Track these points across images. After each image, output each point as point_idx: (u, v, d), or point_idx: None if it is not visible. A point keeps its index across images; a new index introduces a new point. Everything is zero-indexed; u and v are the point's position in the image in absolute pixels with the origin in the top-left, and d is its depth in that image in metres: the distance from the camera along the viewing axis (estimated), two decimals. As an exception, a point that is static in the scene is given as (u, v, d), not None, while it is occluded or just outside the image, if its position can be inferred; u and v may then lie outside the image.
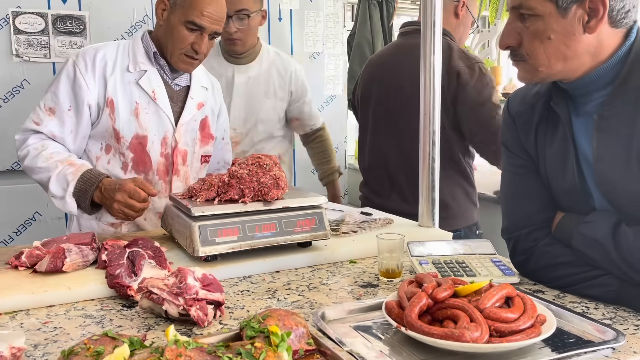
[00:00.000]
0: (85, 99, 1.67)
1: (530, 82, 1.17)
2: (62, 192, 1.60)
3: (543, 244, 1.24)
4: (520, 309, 0.95)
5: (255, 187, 1.41)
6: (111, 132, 1.70)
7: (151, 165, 1.75)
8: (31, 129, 1.68)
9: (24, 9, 2.76)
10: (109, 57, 1.70)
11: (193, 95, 1.81)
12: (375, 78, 2.22)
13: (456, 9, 2.15)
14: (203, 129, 1.85)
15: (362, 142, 2.31)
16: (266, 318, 0.92)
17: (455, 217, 2.09)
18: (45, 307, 1.16)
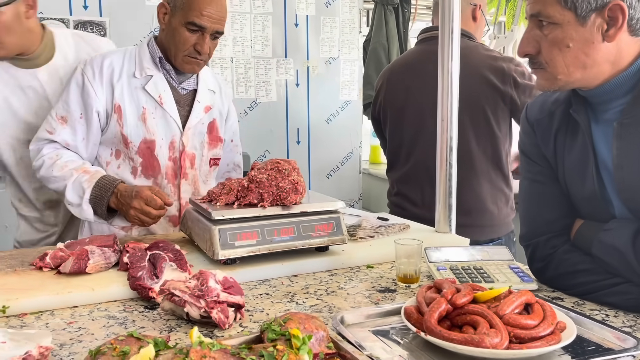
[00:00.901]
0: (94, 106, 1.70)
1: (549, 90, 1.18)
2: (79, 200, 1.63)
3: (562, 251, 1.24)
4: (540, 315, 0.95)
5: (274, 192, 1.43)
6: (120, 137, 1.73)
7: (160, 169, 1.76)
8: (45, 138, 1.71)
9: (46, 14, 2.82)
10: (115, 64, 1.73)
11: (200, 98, 1.83)
12: (404, 85, 2.19)
13: (474, 12, 2.17)
14: (211, 132, 1.87)
15: (395, 150, 2.27)
16: (287, 321, 0.93)
17: (499, 225, 2.11)
18: (70, 307, 1.19)
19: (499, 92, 2.03)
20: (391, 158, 2.32)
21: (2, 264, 1.40)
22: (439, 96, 1.74)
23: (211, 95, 1.88)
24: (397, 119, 2.23)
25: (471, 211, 2.04)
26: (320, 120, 3.66)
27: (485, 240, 2.06)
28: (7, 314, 1.14)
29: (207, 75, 1.89)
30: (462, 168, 2.02)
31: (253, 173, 1.46)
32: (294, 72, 3.55)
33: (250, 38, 3.38)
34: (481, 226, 2.05)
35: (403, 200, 2.22)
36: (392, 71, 2.31)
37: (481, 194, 2.06)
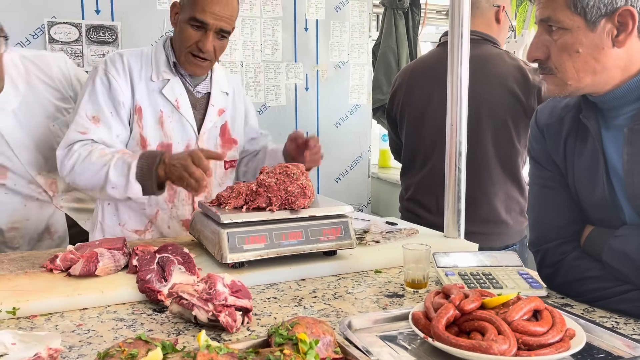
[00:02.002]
0: (122, 102, 1.70)
1: (559, 95, 1.17)
2: (124, 179, 1.57)
3: (572, 257, 1.23)
4: (549, 322, 0.95)
5: (283, 196, 1.43)
6: (138, 139, 1.73)
7: None
8: (77, 139, 1.65)
9: (59, 19, 2.85)
10: (134, 65, 1.73)
11: (214, 102, 1.83)
12: (425, 88, 2.16)
13: (497, 14, 2.12)
14: (223, 135, 1.87)
15: (411, 154, 2.24)
16: (294, 325, 0.93)
17: (513, 233, 2.10)
18: (79, 309, 1.20)
19: (521, 104, 2.00)
20: (406, 161, 2.28)
21: (12, 266, 1.41)
22: (448, 101, 1.74)
23: (224, 97, 1.88)
24: (415, 122, 2.19)
25: (486, 221, 2.03)
26: (329, 124, 3.66)
27: (500, 246, 2.04)
28: (17, 315, 1.15)
29: (220, 77, 1.88)
30: (479, 177, 2.02)
31: (262, 177, 1.46)
32: (304, 76, 3.55)
33: (260, 42, 3.39)
34: (495, 234, 2.03)
35: (416, 206, 2.19)
36: (414, 72, 2.25)
37: (496, 205, 2.04)
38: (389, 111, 2.37)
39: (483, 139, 2.01)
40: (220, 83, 1.87)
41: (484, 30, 2.11)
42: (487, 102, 1.99)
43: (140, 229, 1.78)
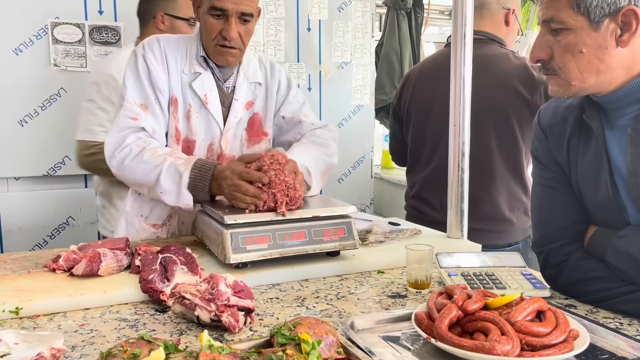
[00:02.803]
0: (162, 89, 1.64)
1: (562, 96, 1.17)
2: (176, 187, 1.54)
3: (575, 258, 1.23)
4: (553, 323, 0.94)
5: (284, 189, 1.42)
6: (174, 132, 1.67)
7: None
8: (130, 126, 1.60)
9: (62, 19, 2.86)
10: (169, 53, 1.67)
11: (238, 96, 1.74)
12: (433, 87, 2.15)
13: (507, 16, 2.12)
14: (252, 127, 1.78)
15: (417, 151, 2.23)
16: (297, 326, 0.93)
17: (516, 231, 2.09)
18: (82, 309, 1.20)
19: (526, 102, 2.00)
20: (412, 159, 2.28)
21: (15, 266, 1.41)
22: (451, 101, 1.74)
23: (253, 88, 1.77)
24: (421, 120, 2.19)
25: (489, 219, 2.03)
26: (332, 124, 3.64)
27: (503, 244, 2.04)
28: (20, 315, 1.15)
29: (251, 66, 1.78)
30: (482, 175, 2.01)
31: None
32: (306, 77, 3.55)
33: (262, 43, 3.39)
34: (498, 231, 2.04)
35: (421, 203, 2.20)
36: (421, 72, 2.25)
37: (499, 203, 2.04)
38: (395, 110, 2.35)
39: (487, 138, 2.01)
40: (249, 73, 1.77)
41: (492, 31, 2.11)
42: (491, 101, 1.99)
43: (158, 224, 1.75)
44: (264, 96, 1.80)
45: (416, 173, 2.25)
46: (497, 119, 2.01)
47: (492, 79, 2.00)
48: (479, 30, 2.08)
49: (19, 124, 2.80)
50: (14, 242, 2.83)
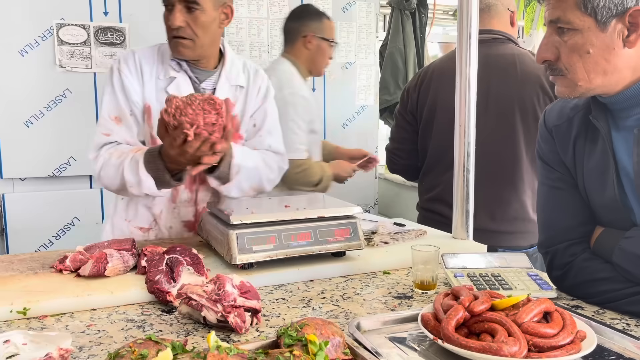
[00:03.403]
0: (135, 101, 1.67)
1: (569, 96, 1.16)
2: (136, 176, 1.55)
3: (581, 258, 1.22)
4: (560, 324, 0.94)
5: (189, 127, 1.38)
6: (149, 139, 1.70)
7: None
8: (103, 142, 1.66)
9: (67, 21, 2.87)
10: (145, 63, 1.69)
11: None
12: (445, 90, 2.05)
13: (512, 18, 2.14)
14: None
15: (438, 154, 2.13)
16: (303, 327, 0.94)
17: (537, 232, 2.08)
18: (89, 310, 1.20)
19: (551, 99, 1.99)
20: (432, 160, 2.17)
21: (22, 267, 1.42)
22: (457, 102, 1.73)
23: (234, 91, 1.77)
24: (447, 120, 2.02)
25: (516, 219, 2.00)
26: (336, 125, 3.66)
27: (526, 246, 2.01)
28: (27, 315, 1.15)
29: (233, 69, 1.77)
30: (510, 175, 1.99)
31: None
32: (311, 77, 3.55)
33: (267, 43, 3.40)
34: (522, 233, 2.00)
35: (443, 206, 2.06)
36: (442, 69, 2.14)
37: (525, 203, 2.01)
38: (411, 109, 2.23)
39: (514, 137, 1.99)
40: (231, 76, 1.76)
41: (503, 30, 2.11)
42: (518, 100, 1.97)
43: (144, 227, 1.77)
44: (243, 100, 1.79)
45: (437, 175, 2.14)
46: (524, 117, 1.99)
47: (518, 78, 1.98)
48: (496, 29, 2.09)
49: (24, 125, 2.81)
50: (19, 242, 2.84)
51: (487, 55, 1.99)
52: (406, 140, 2.28)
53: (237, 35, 3.29)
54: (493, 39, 2.07)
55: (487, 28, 2.10)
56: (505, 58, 2.03)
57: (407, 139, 2.27)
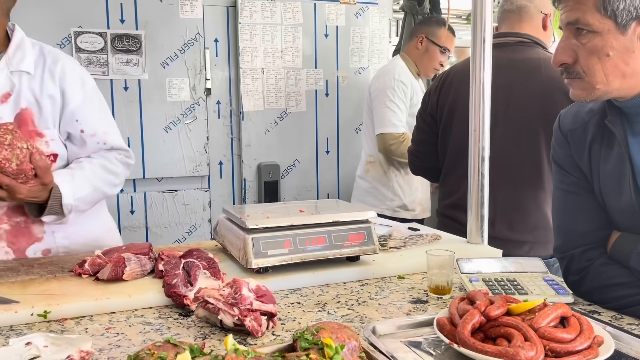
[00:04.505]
0: None
1: (585, 100, 1.16)
2: None
3: (598, 263, 1.22)
4: (577, 329, 0.94)
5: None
6: None
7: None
8: None
9: (85, 28, 2.92)
10: None
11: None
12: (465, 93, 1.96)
13: (544, 20, 2.09)
14: (21, 125, 1.54)
15: (457, 157, 2.07)
16: (319, 330, 0.94)
17: None
18: (107, 313, 1.22)
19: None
20: (450, 164, 2.14)
21: (43, 270, 1.45)
22: (471, 107, 1.73)
23: (19, 78, 1.55)
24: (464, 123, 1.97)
25: (537, 229, 1.96)
26: (349, 129, 3.68)
27: (547, 255, 1.97)
28: (48, 318, 1.17)
29: (18, 53, 1.56)
30: (530, 183, 1.95)
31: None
32: (324, 82, 3.57)
33: (280, 49, 3.42)
34: (545, 242, 1.95)
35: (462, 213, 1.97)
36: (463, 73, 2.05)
37: (546, 211, 1.97)
38: (431, 111, 2.19)
39: (536, 143, 1.94)
40: (15, 60, 1.54)
41: (532, 34, 2.07)
42: (540, 106, 1.93)
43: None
44: (36, 89, 1.57)
45: (456, 180, 2.09)
46: (547, 124, 1.92)
47: (543, 84, 1.94)
48: (522, 33, 2.04)
49: (43, 131, 2.85)
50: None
51: (511, 59, 1.97)
52: (426, 143, 2.25)
53: (251, 42, 3.32)
54: (519, 42, 2.03)
55: (514, 31, 2.05)
56: (529, 62, 1.99)
57: (427, 141, 2.24)
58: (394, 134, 2.83)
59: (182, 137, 3.21)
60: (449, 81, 2.15)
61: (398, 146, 2.82)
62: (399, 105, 2.85)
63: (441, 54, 2.97)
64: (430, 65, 3.00)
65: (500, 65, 1.84)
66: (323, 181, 3.63)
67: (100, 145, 1.71)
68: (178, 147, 3.21)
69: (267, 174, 3.44)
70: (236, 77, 3.35)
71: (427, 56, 2.98)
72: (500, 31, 2.12)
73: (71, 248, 1.69)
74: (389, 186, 2.97)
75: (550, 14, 2.11)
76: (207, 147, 3.29)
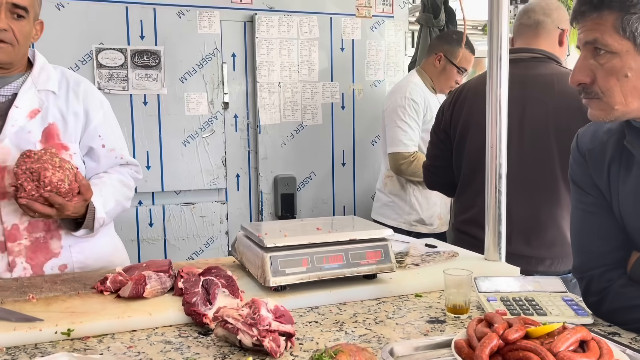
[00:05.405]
0: None
1: (603, 120, 1.16)
2: None
3: (618, 284, 1.21)
4: (596, 353, 0.93)
5: (29, 175, 1.47)
6: None
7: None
8: None
9: (106, 45, 2.98)
10: None
11: (19, 103, 1.60)
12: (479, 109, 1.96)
13: (561, 36, 2.08)
14: (48, 140, 1.64)
15: (471, 173, 2.08)
16: (338, 353, 0.95)
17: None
18: (129, 331, 1.24)
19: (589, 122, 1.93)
20: (465, 179, 2.13)
21: (65, 287, 1.47)
22: (488, 123, 1.73)
23: (45, 96, 1.65)
24: (478, 140, 1.98)
25: (554, 244, 1.94)
26: (365, 142, 3.69)
27: (564, 271, 1.95)
28: (71, 336, 1.20)
29: (43, 74, 1.66)
30: (546, 199, 1.94)
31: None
32: (340, 95, 3.59)
33: (297, 63, 3.45)
34: (562, 258, 1.93)
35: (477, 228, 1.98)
36: (478, 87, 2.08)
37: (563, 227, 1.95)
38: (444, 128, 2.19)
39: (550, 159, 1.93)
40: (41, 82, 1.65)
41: (548, 50, 2.06)
42: (554, 122, 1.92)
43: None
44: (62, 106, 1.67)
45: (471, 196, 2.08)
46: (561, 140, 1.91)
47: (557, 99, 1.93)
48: (537, 48, 2.04)
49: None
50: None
51: (524, 76, 1.96)
52: (440, 158, 2.25)
53: (267, 56, 3.36)
54: (532, 58, 2.02)
55: (529, 47, 2.05)
56: (543, 78, 1.98)
57: (441, 157, 2.24)
58: (403, 153, 2.85)
59: (200, 151, 3.25)
60: (463, 97, 2.15)
61: (408, 166, 2.85)
62: (410, 124, 2.87)
63: (458, 73, 2.98)
64: (447, 83, 3.01)
65: (514, 82, 1.83)
66: (339, 194, 3.64)
67: (118, 160, 1.82)
68: (196, 161, 3.25)
69: (284, 186, 3.46)
70: (253, 91, 3.39)
71: (444, 75, 3.00)
72: (515, 46, 2.11)
73: (86, 263, 1.74)
74: (407, 200, 2.99)
75: (568, 30, 2.09)
76: (225, 160, 3.32)
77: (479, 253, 1.82)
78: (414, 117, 2.88)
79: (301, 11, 3.44)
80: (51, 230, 1.68)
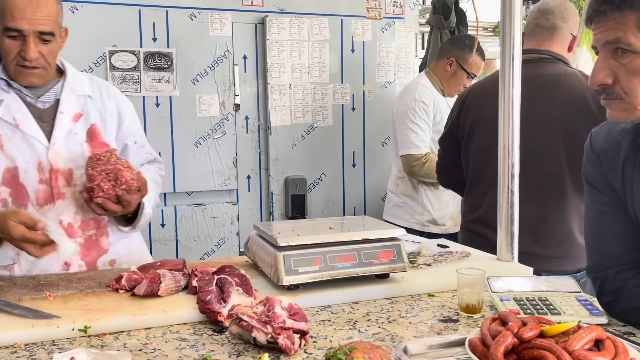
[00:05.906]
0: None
1: (625, 121, 1.14)
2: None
3: (633, 284, 1.20)
4: (612, 352, 0.93)
5: (105, 176, 1.54)
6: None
7: (28, 196, 1.64)
8: None
9: (119, 47, 3.02)
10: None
11: (63, 108, 1.70)
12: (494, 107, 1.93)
13: (571, 42, 2.10)
14: (92, 139, 1.74)
15: (479, 173, 2.10)
16: (352, 350, 0.96)
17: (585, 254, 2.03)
18: (144, 328, 1.26)
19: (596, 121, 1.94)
20: (474, 179, 2.15)
21: (81, 285, 1.49)
22: (500, 123, 1.73)
23: (84, 100, 1.75)
24: (485, 140, 2.03)
25: (562, 243, 1.95)
26: (375, 143, 3.69)
27: (573, 270, 1.95)
28: (88, 333, 1.21)
29: (77, 81, 1.77)
30: (554, 198, 1.94)
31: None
32: (350, 97, 3.60)
33: (307, 65, 3.47)
34: (571, 257, 1.94)
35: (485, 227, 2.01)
36: (485, 88, 2.12)
37: (571, 226, 1.96)
38: (452, 129, 2.23)
39: (556, 158, 1.94)
40: (77, 88, 1.75)
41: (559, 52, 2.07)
42: (560, 121, 1.93)
43: (9, 264, 1.67)
44: (99, 107, 1.78)
45: (479, 195, 2.10)
46: (568, 139, 1.93)
47: (563, 98, 1.94)
48: (546, 50, 2.05)
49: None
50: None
51: (531, 75, 1.96)
52: (449, 158, 2.29)
53: (278, 58, 3.38)
54: (539, 59, 2.03)
55: (539, 48, 2.05)
56: (549, 77, 1.99)
57: (450, 157, 2.28)
58: (416, 155, 2.86)
59: (211, 152, 3.28)
60: (470, 98, 2.18)
61: (421, 167, 2.86)
62: (421, 126, 2.89)
63: (467, 78, 3.00)
64: (456, 88, 3.01)
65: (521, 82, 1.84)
66: (349, 195, 3.65)
67: (147, 156, 1.93)
68: (207, 162, 3.27)
69: (294, 187, 3.47)
70: (264, 93, 3.41)
71: (454, 79, 3.00)
72: (525, 46, 2.11)
73: (129, 257, 1.82)
74: (419, 201, 2.99)
75: (578, 36, 2.11)
76: (236, 162, 3.34)
77: (487, 252, 1.82)
78: (425, 119, 2.89)
79: (312, 13, 3.45)
80: (101, 227, 1.76)
